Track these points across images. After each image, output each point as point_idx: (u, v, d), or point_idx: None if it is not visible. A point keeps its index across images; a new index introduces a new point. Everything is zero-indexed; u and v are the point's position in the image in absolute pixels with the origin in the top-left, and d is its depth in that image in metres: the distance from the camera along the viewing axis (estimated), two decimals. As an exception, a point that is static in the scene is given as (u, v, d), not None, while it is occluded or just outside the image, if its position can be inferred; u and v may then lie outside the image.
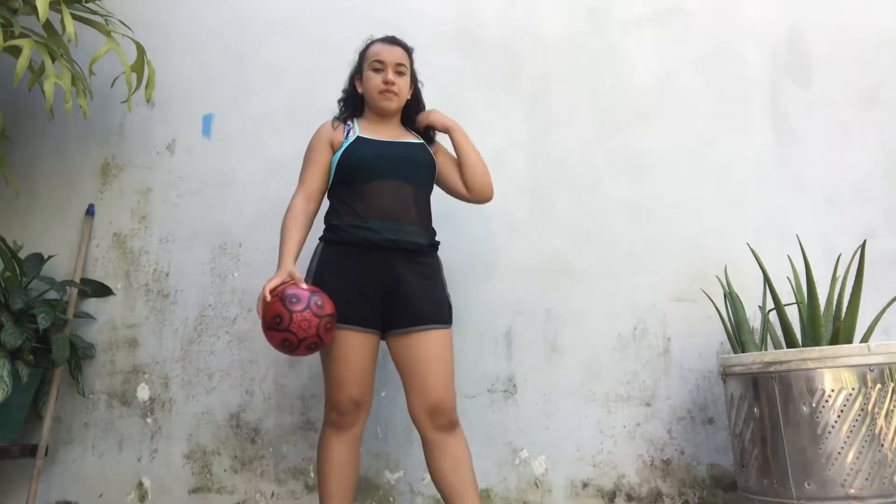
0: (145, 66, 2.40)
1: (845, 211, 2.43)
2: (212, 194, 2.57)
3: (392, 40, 2.01)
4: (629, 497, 2.24)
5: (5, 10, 2.20)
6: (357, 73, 2.04)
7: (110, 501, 2.33)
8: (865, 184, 2.46)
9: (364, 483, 2.28)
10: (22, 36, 2.14)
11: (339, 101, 2.09)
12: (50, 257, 2.48)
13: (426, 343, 1.81)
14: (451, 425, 1.82)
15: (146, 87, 2.41)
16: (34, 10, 2.13)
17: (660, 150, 2.51)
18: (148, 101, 2.50)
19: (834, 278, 2.03)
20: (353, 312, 1.79)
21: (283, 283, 1.72)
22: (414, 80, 2.06)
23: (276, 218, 2.48)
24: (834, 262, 2.12)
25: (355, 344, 1.80)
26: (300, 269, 1.82)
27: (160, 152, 2.62)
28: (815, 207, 2.44)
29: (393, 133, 1.99)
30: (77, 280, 2.43)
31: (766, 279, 2.04)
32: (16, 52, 2.18)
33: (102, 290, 2.48)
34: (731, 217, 2.44)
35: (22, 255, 2.43)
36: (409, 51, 2.02)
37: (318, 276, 1.85)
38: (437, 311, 1.85)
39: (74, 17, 2.27)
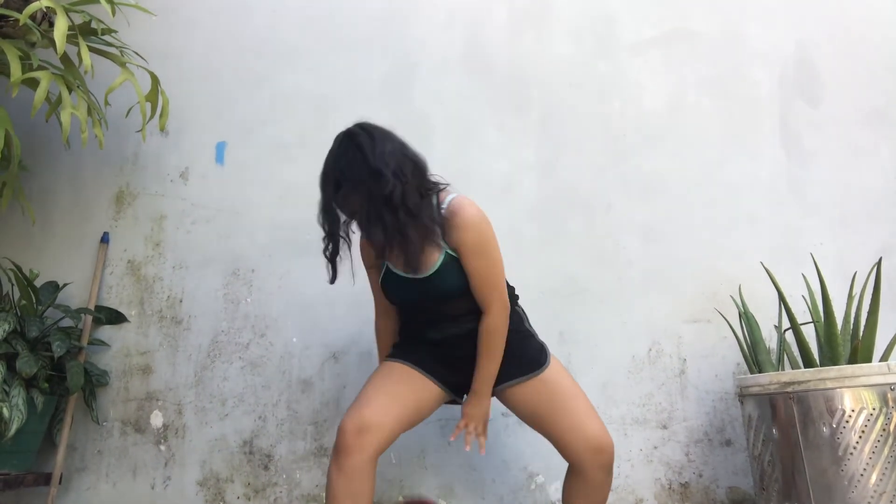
0: (159, 96, 2.44)
1: (858, 229, 2.42)
2: (225, 221, 2.59)
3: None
4: (647, 522, 2.21)
5: (23, 44, 2.25)
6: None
7: (123, 530, 2.32)
8: (878, 202, 2.44)
9: (378, 509, 2.25)
10: (40, 68, 2.18)
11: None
12: (65, 285, 2.50)
13: None
14: None
15: (160, 116, 2.44)
16: (52, 43, 2.18)
17: (670, 171, 2.51)
18: (162, 129, 2.53)
19: (850, 296, 2.01)
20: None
21: None
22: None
23: (289, 244, 2.53)
24: (847, 281, 2.10)
25: (403, 374, 1.78)
26: None
27: (174, 180, 2.65)
28: (828, 226, 2.43)
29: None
30: (91, 307, 2.45)
31: (782, 298, 2.03)
32: (34, 84, 2.22)
33: (116, 318, 2.50)
34: (743, 237, 2.43)
35: (38, 283, 2.45)
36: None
37: None
38: None
39: (91, 50, 2.31)
